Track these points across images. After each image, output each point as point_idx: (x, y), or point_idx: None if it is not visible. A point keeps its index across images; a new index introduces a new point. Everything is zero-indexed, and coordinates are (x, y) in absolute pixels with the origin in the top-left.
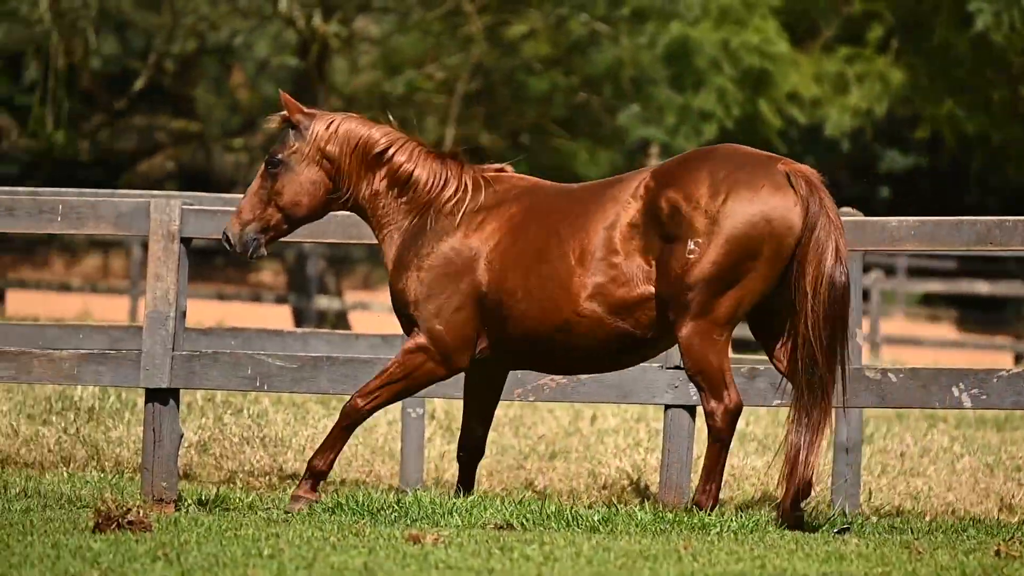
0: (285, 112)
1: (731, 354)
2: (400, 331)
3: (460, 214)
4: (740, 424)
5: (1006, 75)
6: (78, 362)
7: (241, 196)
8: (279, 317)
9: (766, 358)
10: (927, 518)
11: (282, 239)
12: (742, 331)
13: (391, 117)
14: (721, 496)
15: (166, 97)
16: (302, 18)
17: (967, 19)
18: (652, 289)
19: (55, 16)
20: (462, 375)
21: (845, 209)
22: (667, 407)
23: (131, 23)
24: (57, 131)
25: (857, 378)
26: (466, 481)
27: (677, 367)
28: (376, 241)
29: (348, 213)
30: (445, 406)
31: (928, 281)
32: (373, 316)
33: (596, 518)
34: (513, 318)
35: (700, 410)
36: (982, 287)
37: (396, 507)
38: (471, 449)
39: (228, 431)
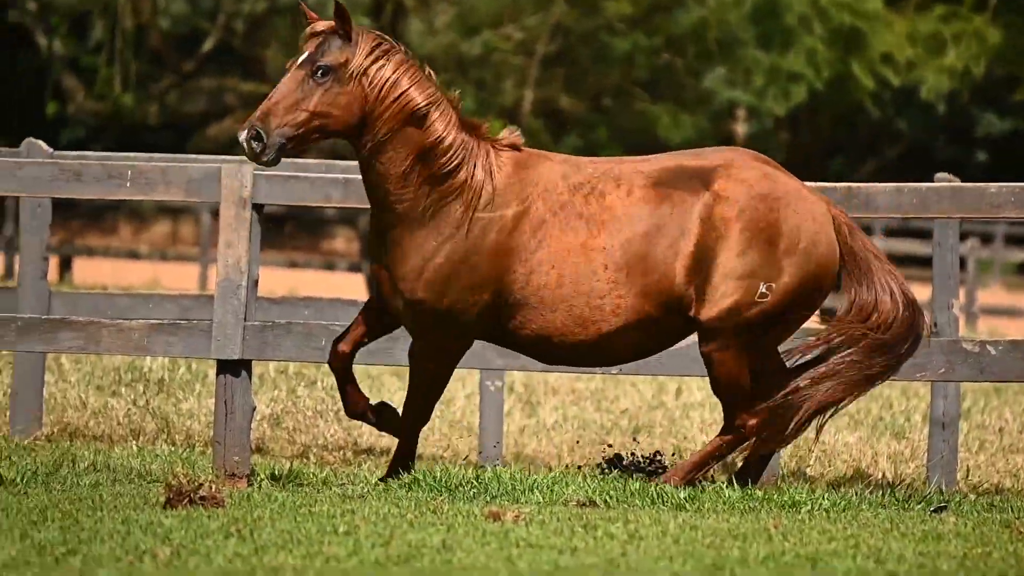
0: (333, 21)
1: (821, 325)
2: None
3: (487, 210)
4: None
5: None
6: (148, 332)
7: (279, 104)
8: (353, 286)
9: None
10: None
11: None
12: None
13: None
14: (813, 473)
15: (236, 59)
16: None
17: None
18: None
19: None
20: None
21: (940, 175)
22: None
23: None
24: (124, 94)
25: (954, 350)
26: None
27: None
28: (368, 201)
29: None
30: (524, 379)
31: None
32: None
33: (682, 495)
34: (538, 326)
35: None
36: None
37: (475, 483)
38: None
39: (301, 404)
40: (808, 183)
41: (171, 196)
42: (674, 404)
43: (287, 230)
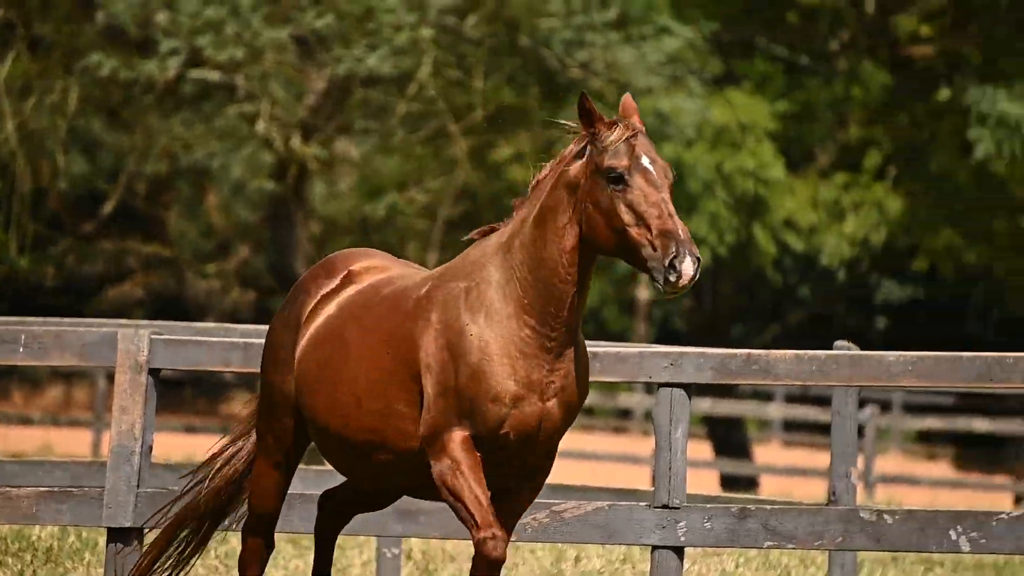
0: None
1: (722, 492)
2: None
3: None
4: (730, 566)
5: (1008, 205)
6: (37, 500)
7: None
8: None
9: (756, 496)
10: None
11: None
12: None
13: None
14: None
15: (137, 220)
16: (280, 140)
17: (967, 147)
18: None
19: (22, 137)
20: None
21: (840, 343)
22: (654, 548)
23: (101, 143)
24: (21, 256)
25: (851, 519)
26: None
27: (664, 506)
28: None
29: None
30: (422, 546)
31: (925, 417)
32: None
33: None
34: None
35: (688, 551)
36: (981, 424)
37: None
38: None
39: (193, 572)
40: (709, 349)
41: (65, 361)
42: (573, 571)
43: (186, 394)
